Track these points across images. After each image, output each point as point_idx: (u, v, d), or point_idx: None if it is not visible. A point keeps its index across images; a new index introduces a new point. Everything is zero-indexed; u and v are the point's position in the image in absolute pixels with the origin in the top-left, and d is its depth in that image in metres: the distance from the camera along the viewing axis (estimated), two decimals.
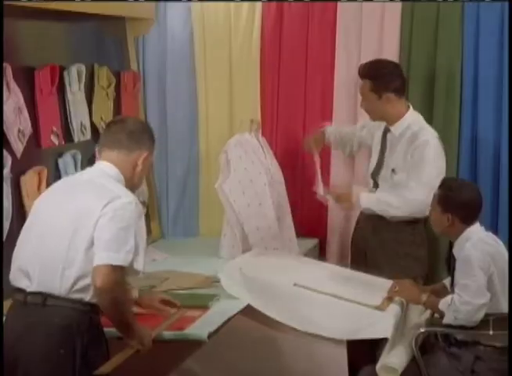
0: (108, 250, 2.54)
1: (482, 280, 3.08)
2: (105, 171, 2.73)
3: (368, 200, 3.83)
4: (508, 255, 3.34)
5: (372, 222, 3.89)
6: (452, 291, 3.19)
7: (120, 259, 2.54)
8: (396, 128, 3.82)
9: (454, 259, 3.23)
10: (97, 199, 2.61)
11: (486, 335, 3.12)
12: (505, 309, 3.13)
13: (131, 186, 2.77)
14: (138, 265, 2.62)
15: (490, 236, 3.25)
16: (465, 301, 3.07)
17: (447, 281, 3.41)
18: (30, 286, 2.61)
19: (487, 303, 3.07)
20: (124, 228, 2.57)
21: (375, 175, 3.91)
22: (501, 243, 3.26)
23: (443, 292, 3.34)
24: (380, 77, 3.77)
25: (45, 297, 2.58)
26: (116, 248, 2.54)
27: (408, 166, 3.74)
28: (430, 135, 3.78)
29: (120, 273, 2.56)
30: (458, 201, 3.20)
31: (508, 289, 3.17)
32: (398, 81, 3.81)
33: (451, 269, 3.28)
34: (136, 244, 2.59)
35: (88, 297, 2.59)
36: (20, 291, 2.64)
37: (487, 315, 3.10)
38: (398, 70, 3.86)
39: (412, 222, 3.80)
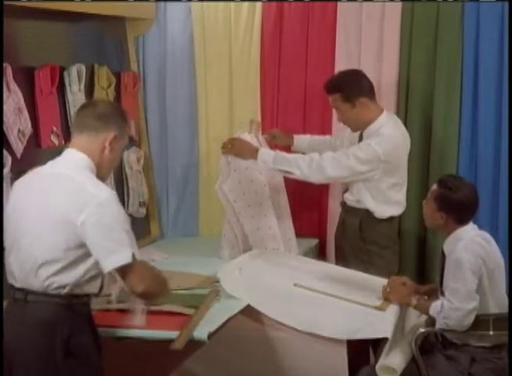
0: (111, 254, 2.50)
1: (473, 284, 3.06)
2: (74, 161, 2.65)
3: (267, 154, 3.82)
4: (508, 255, 3.34)
5: (341, 217, 4.04)
6: (441, 291, 3.18)
7: (128, 257, 2.51)
8: (367, 130, 3.83)
9: (444, 255, 3.23)
10: (71, 199, 2.54)
11: (474, 336, 3.11)
12: (493, 309, 3.12)
13: (100, 173, 2.67)
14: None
15: (482, 236, 3.21)
16: (455, 307, 3.05)
17: None
18: (15, 283, 2.65)
19: (477, 307, 3.06)
20: (112, 228, 2.52)
21: None
22: (492, 241, 3.22)
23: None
24: (347, 86, 3.80)
25: (25, 293, 2.60)
26: (116, 249, 2.51)
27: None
28: (388, 132, 3.76)
29: (138, 267, 2.55)
30: (455, 202, 3.16)
31: (508, 289, 3.17)
32: (364, 84, 3.85)
33: (440, 265, 3.27)
34: (128, 236, 2.55)
35: (64, 291, 2.58)
36: (11, 287, 2.67)
37: (486, 315, 3.10)
38: (362, 75, 3.89)
39: (384, 221, 3.84)
